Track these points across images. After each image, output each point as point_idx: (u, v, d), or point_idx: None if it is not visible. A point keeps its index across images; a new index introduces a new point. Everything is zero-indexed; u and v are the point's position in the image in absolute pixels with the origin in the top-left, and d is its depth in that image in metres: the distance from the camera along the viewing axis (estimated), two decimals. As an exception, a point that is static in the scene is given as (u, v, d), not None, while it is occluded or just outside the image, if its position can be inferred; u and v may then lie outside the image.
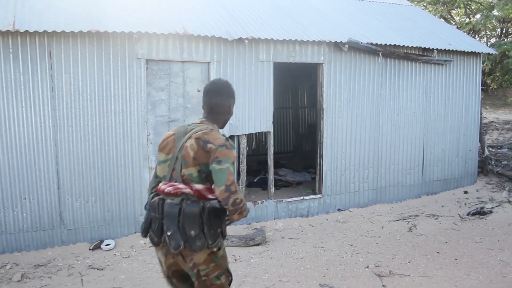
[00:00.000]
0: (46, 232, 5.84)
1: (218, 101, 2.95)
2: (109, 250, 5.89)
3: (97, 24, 5.79)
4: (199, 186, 2.78)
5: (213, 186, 2.75)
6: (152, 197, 2.90)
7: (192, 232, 2.73)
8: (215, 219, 2.78)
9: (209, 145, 2.74)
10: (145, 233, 2.97)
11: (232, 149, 2.80)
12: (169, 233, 2.75)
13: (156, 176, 2.98)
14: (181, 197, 2.76)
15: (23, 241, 5.73)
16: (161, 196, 2.83)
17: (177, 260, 2.85)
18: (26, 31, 5.37)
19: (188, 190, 2.75)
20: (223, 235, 2.89)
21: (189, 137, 2.83)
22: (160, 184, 2.86)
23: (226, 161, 2.70)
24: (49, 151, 5.76)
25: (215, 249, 2.82)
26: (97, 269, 5.32)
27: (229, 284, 3.00)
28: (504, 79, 15.87)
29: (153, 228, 2.87)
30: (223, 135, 2.87)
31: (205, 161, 2.75)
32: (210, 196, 2.79)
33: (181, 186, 2.77)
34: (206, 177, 2.79)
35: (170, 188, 2.78)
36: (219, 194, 2.65)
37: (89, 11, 6.14)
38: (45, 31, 5.46)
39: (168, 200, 2.77)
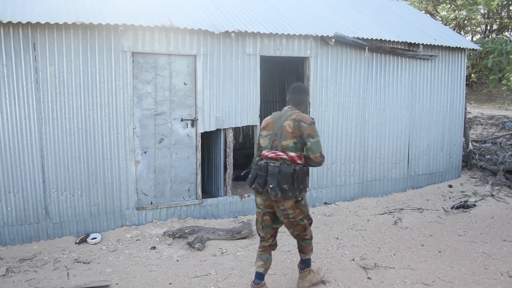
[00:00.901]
0: (31, 226, 5.79)
1: (302, 97, 4.32)
2: (95, 243, 5.86)
3: (82, 16, 5.73)
4: (292, 154, 4.02)
5: (308, 153, 4.05)
6: (258, 161, 4.15)
7: (285, 186, 3.96)
8: (301, 177, 4.03)
9: (302, 124, 4.04)
10: (251, 184, 4.17)
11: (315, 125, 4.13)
12: (271, 186, 3.98)
13: (259, 146, 4.26)
14: (280, 161, 4.01)
15: (8, 235, 5.68)
16: (265, 160, 4.08)
17: (272, 204, 4.14)
18: (9, 22, 5.29)
19: (285, 156, 4.01)
20: (305, 189, 4.12)
21: (285, 119, 4.11)
22: (264, 151, 4.14)
23: (316, 135, 4.06)
24: (34, 144, 5.71)
25: (300, 199, 4.11)
26: (83, 263, 5.30)
27: (310, 225, 4.37)
28: (484, 74, 16.11)
29: (258, 182, 4.09)
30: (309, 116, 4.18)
31: (300, 134, 4.04)
32: (298, 162, 4.05)
33: (280, 153, 4.03)
34: (300, 146, 4.08)
35: (272, 154, 4.06)
36: (314, 158, 4.03)
37: (74, 2, 6.08)
38: (29, 22, 5.39)
39: (271, 163, 4.02)
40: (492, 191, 8.40)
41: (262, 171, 4.04)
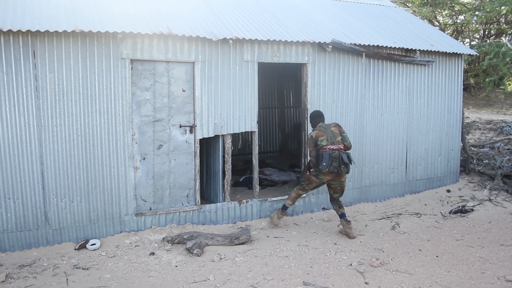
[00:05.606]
0: (31, 232, 5.82)
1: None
2: (95, 249, 5.89)
3: (81, 24, 5.79)
4: (342, 146, 6.30)
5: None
6: (331, 153, 6.16)
7: (349, 165, 6.29)
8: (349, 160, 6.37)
9: (340, 128, 6.45)
10: (327, 168, 6.15)
11: None
12: (343, 166, 6.18)
13: (317, 145, 6.29)
14: (341, 150, 6.25)
15: (8, 241, 5.71)
16: (335, 151, 6.18)
17: (335, 178, 6.35)
18: (9, 30, 5.35)
19: (342, 147, 6.30)
20: None
21: (330, 127, 6.39)
22: (329, 146, 6.22)
23: (346, 131, 6.78)
24: (34, 151, 5.75)
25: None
26: (83, 269, 5.33)
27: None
28: (482, 77, 16.17)
29: (334, 165, 6.14)
30: None
31: (340, 132, 6.39)
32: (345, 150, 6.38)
33: (340, 146, 6.27)
34: (342, 140, 6.37)
35: (336, 147, 6.22)
36: (348, 144, 6.39)
37: (73, 10, 6.14)
38: (28, 31, 5.44)
39: (341, 152, 6.22)
40: (490, 196, 8.43)
41: (336, 158, 6.14)
